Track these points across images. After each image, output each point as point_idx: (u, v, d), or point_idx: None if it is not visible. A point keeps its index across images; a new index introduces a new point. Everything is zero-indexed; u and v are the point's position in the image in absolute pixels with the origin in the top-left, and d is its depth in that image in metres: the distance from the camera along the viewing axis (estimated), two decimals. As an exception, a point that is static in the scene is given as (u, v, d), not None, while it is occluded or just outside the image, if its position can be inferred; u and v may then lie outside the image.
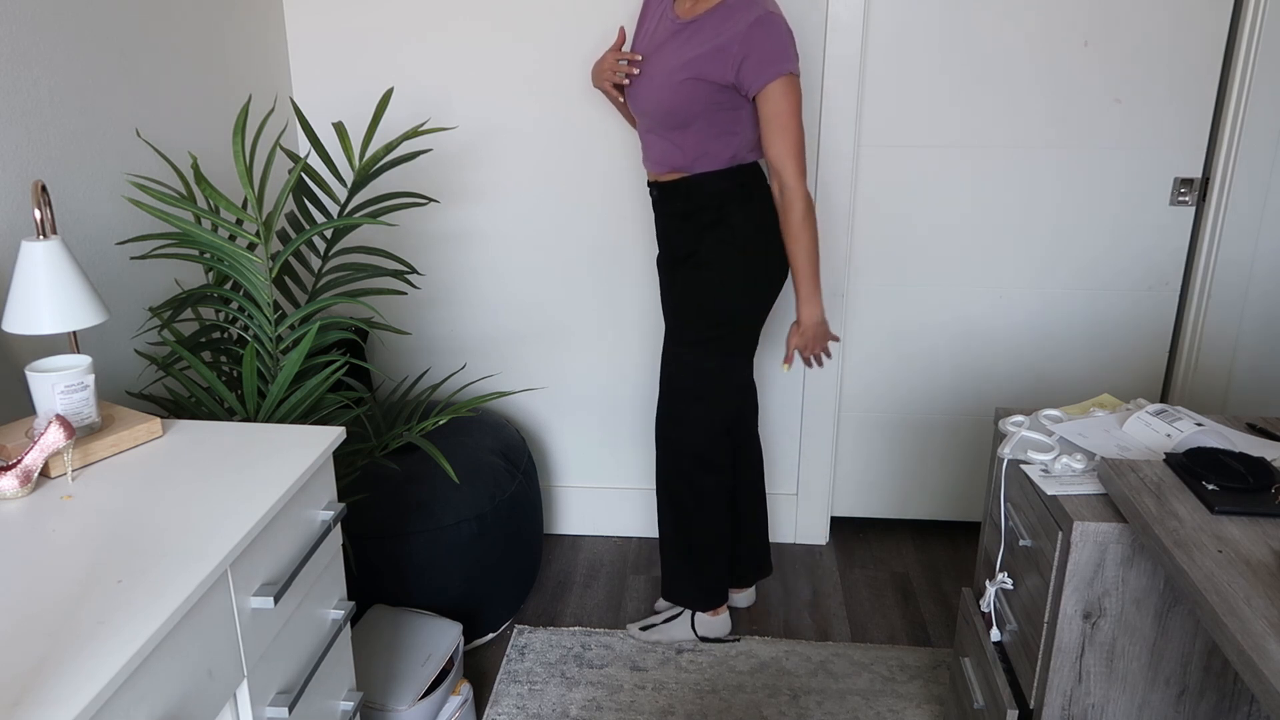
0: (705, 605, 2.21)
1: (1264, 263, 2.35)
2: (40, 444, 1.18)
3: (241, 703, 1.15)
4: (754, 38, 1.77)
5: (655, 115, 1.92)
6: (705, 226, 1.96)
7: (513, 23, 2.30)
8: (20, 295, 1.29)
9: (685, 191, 1.96)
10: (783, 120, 1.83)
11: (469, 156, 2.42)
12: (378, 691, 1.78)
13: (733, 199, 1.93)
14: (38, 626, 0.92)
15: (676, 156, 1.93)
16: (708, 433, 2.06)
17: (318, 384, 1.61)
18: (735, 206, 1.93)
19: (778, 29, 1.78)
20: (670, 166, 1.96)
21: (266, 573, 1.19)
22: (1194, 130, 2.30)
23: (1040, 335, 2.51)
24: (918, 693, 2.08)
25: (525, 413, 2.66)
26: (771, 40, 1.77)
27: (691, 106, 1.85)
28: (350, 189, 1.79)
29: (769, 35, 1.77)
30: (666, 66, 1.87)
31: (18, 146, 1.48)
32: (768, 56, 1.78)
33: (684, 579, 2.20)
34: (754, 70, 1.79)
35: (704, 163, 1.91)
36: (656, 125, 1.94)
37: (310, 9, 2.32)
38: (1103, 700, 1.44)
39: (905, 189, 2.41)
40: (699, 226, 1.97)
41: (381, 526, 2.04)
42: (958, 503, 2.71)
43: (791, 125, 1.84)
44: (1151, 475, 1.34)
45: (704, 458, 2.08)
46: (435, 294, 2.55)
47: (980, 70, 2.29)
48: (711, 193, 1.93)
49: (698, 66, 1.82)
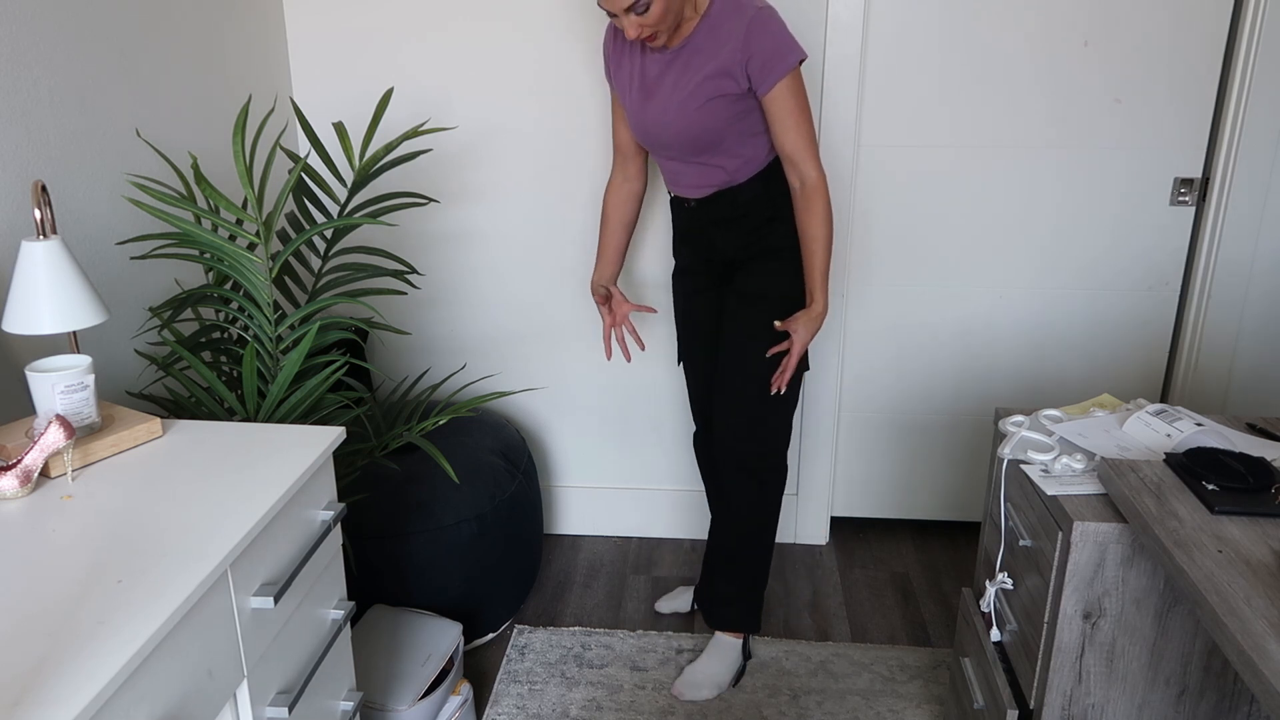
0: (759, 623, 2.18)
1: (1264, 263, 2.35)
2: (40, 444, 1.18)
3: (241, 703, 1.15)
4: (753, 39, 1.74)
5: (681, 147, 1.89)
6: (762, 222, 1.93)
7: (513, 23, 2.30)
8: (20, 295, 1.28)
9: (730, 199, 1.93)
10: (795, 115, 1.80)
11: (469, 156, 2.42)
12: (378, 691, 1.78)
13: (782, 192, 1.92)
14: (38, 626, 0.92)
15: (718, 175, 1.91)
16: (788, 435, 2.04)
17: (318, 384, 1.62)
18: (786, 199, 1.92)
19: (773, 23, 1.76)
20: (713, 187, 1.94)
21: (266, 573, 1.19)
22: (1194, 130, 2.30)
23: (1040, 335, 2.51)
24: (918, 693, 2.08)
25: (525, 413, 2.66)
26: (771, 37, 1.75)
27: (717, 126, 1.82)
28: (350, 189, 1.79)
29: (767, 32, 1.75)
30: (677, 99, 1.82)
31: (18, 146, 1.48)
32: (771, 55, 1.75)
33: (753, 602, 2.14)
34: (761, 72, 1.76)
35: (746, 170, 1.89)
36: (684, 155, 1.91)
37: (310, 9, 2.32)
38: (1103, 700, 1.44)
39: (905, 189, 2.41)
40: (754, 224, 1.93)
41: (381, 526, 2.04)
42: (958, 503, 2.71)
43: (804, 118, 1.81)
44: (1151, 475, 1.34)
45: (783, 465, 2.06)
46: (435, 294, 2.55)
47: (980, 70, 2.29)
48: (759, 193, 1.91)
49: (711, 86, 1.79)
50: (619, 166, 2.08)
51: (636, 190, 2.09)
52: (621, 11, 1.68)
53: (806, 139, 1.82)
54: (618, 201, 2.10)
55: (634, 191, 2.09)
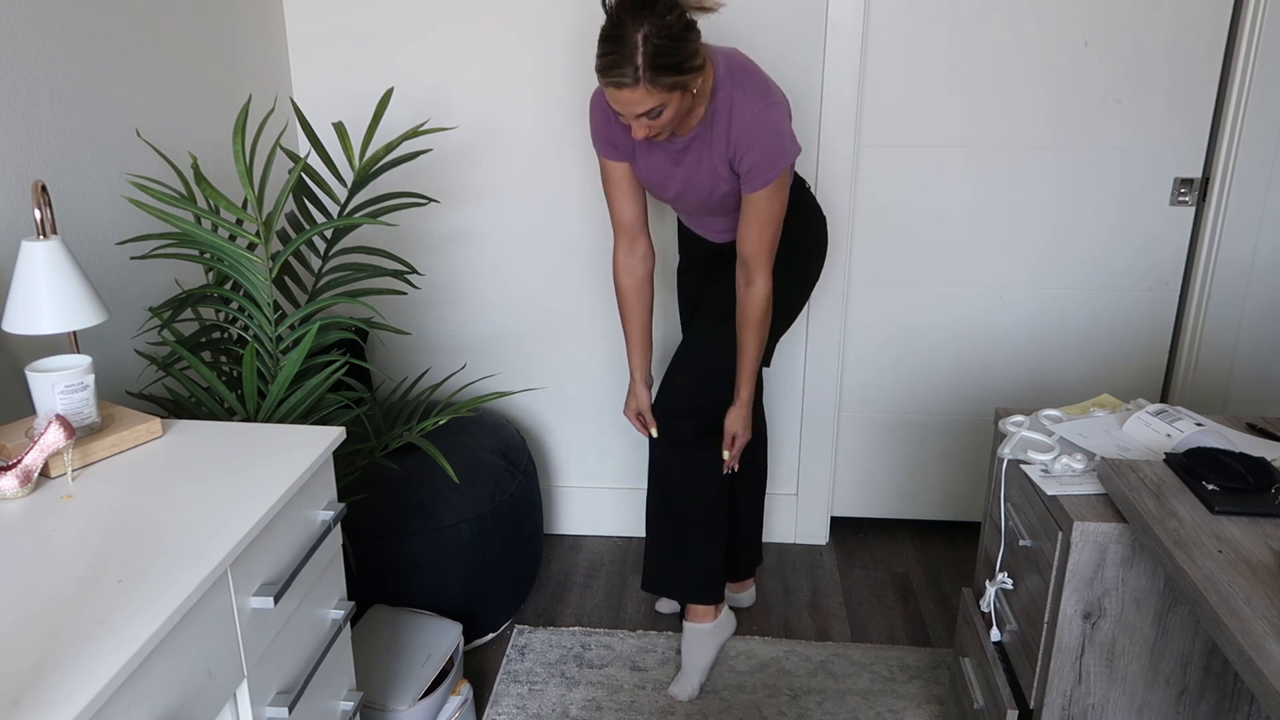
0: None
1: (1264, 263, 2.35)
2: (40, 444, 1.18)
3: (241, 703, 1.15)
4: (747, 142, 1.72)
5: (711, 209, 1.91)
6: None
7: (513, 23, 2.29)
8: (20, 295, 1.29)
9: None
10: (765, 221, 1.80)
11: (469, 156, 2.41)
12: (378, 691, 1.78)
13: (794, 213, 1.93)
14: (38, 626, 0.92)
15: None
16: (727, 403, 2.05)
17: (318, 384, 1.62)
18: (801, 219, 1.96)
19: (771, 127, 1.71)
20: (734, 235, 1.96)
21: (266, 573, 1.19)
22: (1194, 130, 2.30)
23: (1040, 335, 2.51)
24: (918, 693, 2.08)
25: (525, 413, 2.66)
26: (764, 144, 1.72)
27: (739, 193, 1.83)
28: (350, 189, 1.79)
29: (761, 139, 1.71)
30: (700, 177, 1.82)
31: (18, 146, 1.48)
32: (760, 163, 1.73)
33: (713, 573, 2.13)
34: (749, 174, 1.75)
35: None
36: (710, 212, 1.93)
37: (310, 9, 2.32)
38: (1103, 700, 1.44)
39: (905, 189, 2.41)
40: None
41: (381, 526, 2.05)
42: (958, 503, 2.71)
43: (774, 226, 1.81)
44: (1151, 475, 1.34)
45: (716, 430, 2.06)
46: (435, 294, 2.55)
47: (980, 70, 2.29)
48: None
49: (724, 171, 1.79)
50: (625, 247, 1.99)
51: (651, 268, 2.03)
52: (634, 118, 1.65)
53: (768, 248, 1.83)
54: (636, 285, 2.02)
55: (649, 270, 2.02)
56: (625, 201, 1.94)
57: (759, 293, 1.86)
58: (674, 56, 1.57)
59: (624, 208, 1.95)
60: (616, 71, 1.57)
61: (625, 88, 1.58)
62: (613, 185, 1.93)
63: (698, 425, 2.01)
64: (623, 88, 1.58)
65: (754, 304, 1.88)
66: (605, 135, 1.87)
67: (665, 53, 1.56)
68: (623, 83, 1.57)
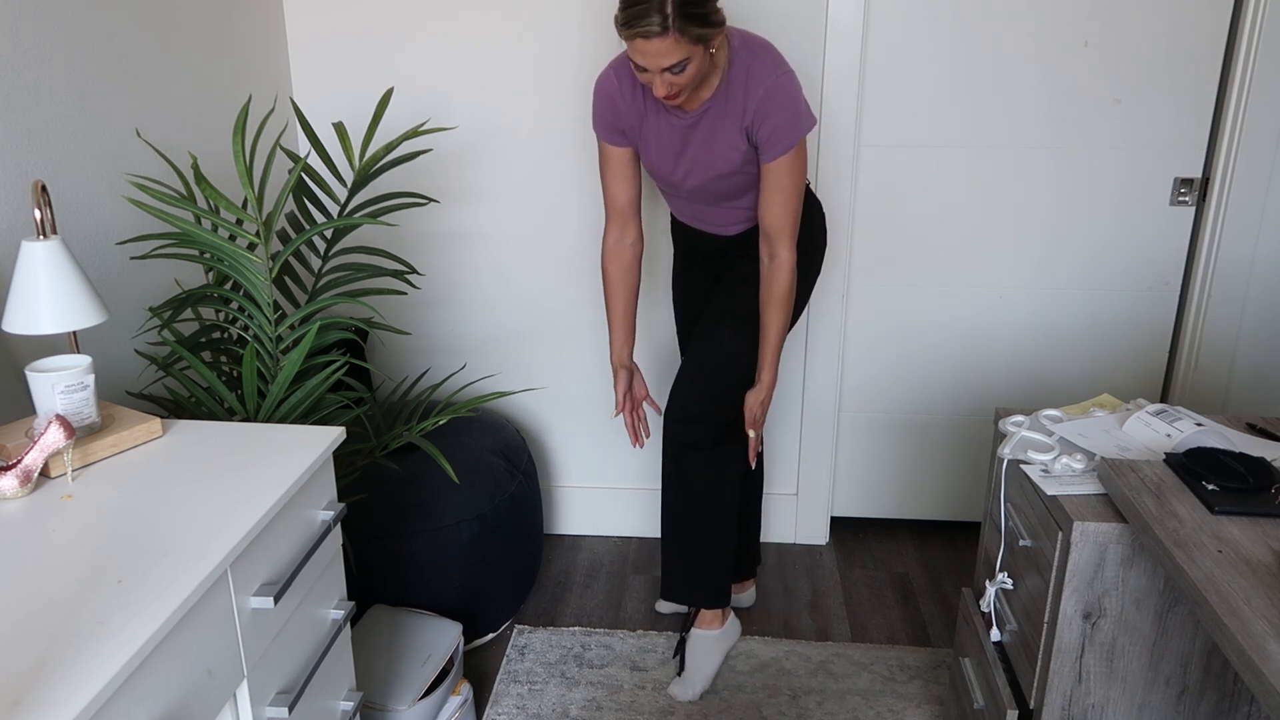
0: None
1: (1264, 263, 2.35)
2: (40, 444, 1.18)
3: (241, 703, 1.15)
4: (766, 109, 1.73)
5: (715, 195, 1.90)
6: None
7: (513, 22, 2.29)
8: (20, 295, 1.29)
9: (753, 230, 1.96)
10: (787, 191, 1.80)
11: (469, 156, 2.42)
12: (378, 691, 1.78)
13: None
14: (38, 626, 0.92)
15: (749, 215, 1.94)
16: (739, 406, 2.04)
17: (318, 384, 1.62)
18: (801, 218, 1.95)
19: (789, 93, 1.73)
20: (745, 225, 1.97)
21: (266, 573, 1.19)
22: (1194, 130, 2.30)
23: (1040, 335, 2.51)
24: (918, 693, 2.08)
25: (525, 413, 2.66)
26: (784, 111, 1.73)
27: (749, 172, 1.84)
28: (350, 189, 1.79)
29: (781, 105, 1.73)
30: (707, 157, 1.82)
31: (18, 146, 1.48)
32: (779, 129, 1.74)
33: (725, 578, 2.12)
34: (768, 143, 1.75)
35: None
36: (717, 201, 1.92)
37: (310, 9, 2.32)
38: (1103, 700, 1.44)
39: (905, 189, 2.41)
40: None
41: (381, 526, 2.05)
42: (958, 503, 2.71)
43: (795, 196, 1.81)
44: (1151, 475, 1.34)
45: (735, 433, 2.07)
46: (435, 294, 2.55)
47: (980, 70, 2.29)
48: None
49: (739, 142, 1.79)
50: (616, 230, 1.98)
51: (639, 253, 2.02)
52: (659, 71, 1.64)
53: (791, 218, 1.82)
54: (623, 269, 2.01)
55: (638, 255, 2.02)
56: (621, 185, 1.95)
57: (783, 265, 1.85)
58: (701, 7, 1.59)
59: (619, 191, 1.95)
60: (644, 21, 1.57)
61: (654, 37, 1.58)
62: (611, 168, 1.93)
63: (713, 428, 2.00)
64: (651, 37, 1.58)
65: (779, 277, 1.86)
66: (611, 122, 1.87)
67: (693, 2, 1.58)
68: (650, 31, 1.57)
